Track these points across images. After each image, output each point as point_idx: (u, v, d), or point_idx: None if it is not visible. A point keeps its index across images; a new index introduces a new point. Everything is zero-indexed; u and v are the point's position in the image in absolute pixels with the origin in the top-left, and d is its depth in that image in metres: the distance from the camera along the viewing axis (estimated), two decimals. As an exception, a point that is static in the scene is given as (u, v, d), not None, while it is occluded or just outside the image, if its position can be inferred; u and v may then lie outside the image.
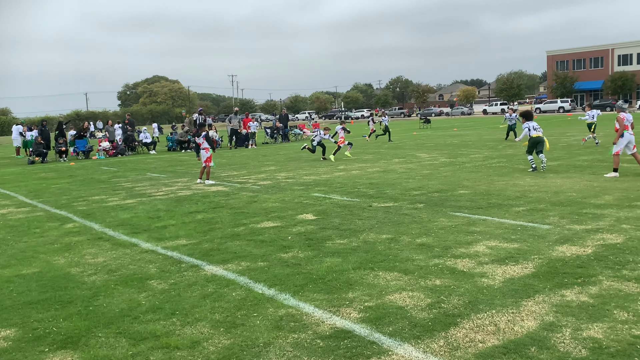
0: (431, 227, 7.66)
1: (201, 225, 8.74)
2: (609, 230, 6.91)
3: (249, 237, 7.70)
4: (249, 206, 10.29)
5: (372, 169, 15.59)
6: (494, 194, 10.07)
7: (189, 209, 10.40)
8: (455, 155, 18.40)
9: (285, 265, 6.19)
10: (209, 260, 6.64)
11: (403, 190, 11.18)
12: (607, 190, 9.79)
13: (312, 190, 11.94)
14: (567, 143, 20.81)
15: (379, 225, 7.99)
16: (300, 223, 8.48)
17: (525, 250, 6.22)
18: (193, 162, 21.66)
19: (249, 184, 13.61)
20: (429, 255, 6.28)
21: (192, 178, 15.74)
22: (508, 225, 7.49)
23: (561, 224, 7.42)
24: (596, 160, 14.46)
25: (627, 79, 72.07)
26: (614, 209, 8.16)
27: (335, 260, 6.29)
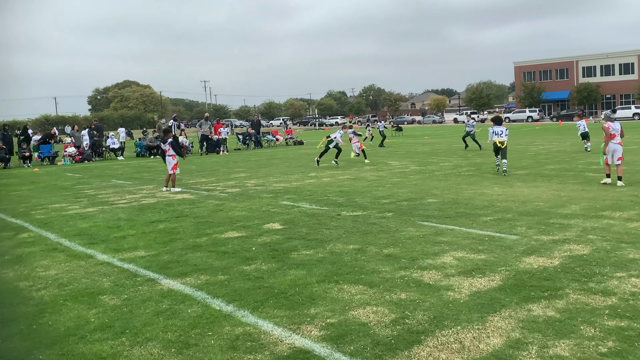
0: (399, 237, 7.50)
1: (162, 236, 8.41)
2: (575, 240, 6.86)
3: (211, 248, 7.41)
4: (214, 215, 9.99)
5: (343, 176, 15.43)
6: (462, 203, 9.99)
7: (151, 218, 10.04)
8: (426, 163, 18.41)
9: (247, 279, 5.93)
10: (166, 273, 6.34)
11: (372, 198, 11.04)
12: (573, 199, 9.81)
13: (281, 198, 11.70)
14: (535, 152, 21.05)
15: (346, 235, 7.80)
16: (266, 233, 8.23)
17: (492, 262, 6.10)
18: (161, 169, 21.16)
19: (217, 192, 13.29)
20: (396, 266, 6.11)
21: (158, 185, 15.33)
22: (475, 236, 7.39)
23: (528, 234, 7.36)
24: (563, 170, 14.60)
25: (591, 90, 73.89)
26: (581, 219, 8.15)
27: (299, 272, 6.06)
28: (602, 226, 7.58)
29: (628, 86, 73.06)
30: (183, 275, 6.20)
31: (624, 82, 74.54)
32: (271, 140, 34.60)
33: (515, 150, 22.10)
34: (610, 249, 6.35)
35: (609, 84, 75.67)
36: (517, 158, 18.57)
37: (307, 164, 20.19)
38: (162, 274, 6.33)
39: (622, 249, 6.36)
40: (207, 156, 27.68)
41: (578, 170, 14.28)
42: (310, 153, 26.82)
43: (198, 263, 6.70)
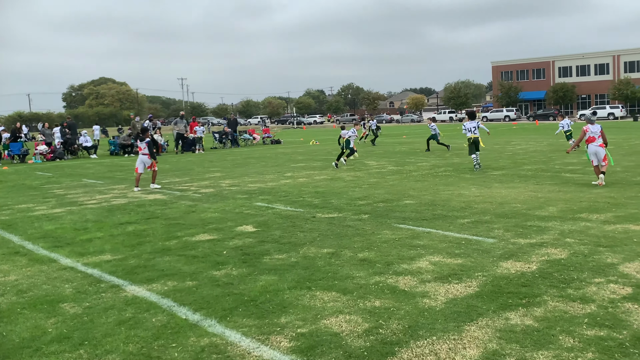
0: (374, 241, 7.33)
1: (130, 238, 8.10)
2: (553, 244, 6.77)
3: (181, 252, 7.14)
4: (186, 217, 9.70)
5: (320, 176, 15.24)
6: (439, 204, 9.88)
7: (120, 219, 9.70)
8: (403, 163, 18.32)
9: (216, 285, 5.69)
10: (132, 279, 6.05)
11: (349, 199, 10.86)
12: (551, 201, 9.77)
13: (255, 199, 11.45)
14: (512, 152, 21.15)
15: (321, 238, 7.60)
16: (239, 236, 7.99)
17: (469, 267, 5.96)
18: (134, 168, 20.71)
19: (190, 192, 12.98)
20: (370, 272, 5.93)
21: (130, 185, 14.93)
22: (452, 239, 7.26)
23: (506, 237, 7.25)
24: (540, 170, 14.63)
25: (567, 90, 75.03)
26: (558, 221, 8.08)
27: (271, 278, 5.84)
28: (579, 229, 7.52)
29: (603, 86, 74.41)
30: (149, 281, 5.93)
31: (599, 82, 75.89)
32: (248, 139, 34.25)
33: (492, 150, 22.19)
34: (588, 253, 6.27)
35: (584, 84, 76.95)
36: (494, 158, 18.61)
37: (283, 164, 19.95)
38: (128, 279, 6.04)
39: (600, 252, 6.28)
40: (182, 155, 27.23)
41: (555, 171, 14.32)
42: (287, 152, 26.58)
43: (166, 268, 6.43)
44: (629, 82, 68.50)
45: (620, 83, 69.27)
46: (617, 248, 6.45)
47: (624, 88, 68.23)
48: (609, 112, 64.57)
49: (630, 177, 12.66)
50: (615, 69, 75.03)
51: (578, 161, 16.27)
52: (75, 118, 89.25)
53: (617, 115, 64.11)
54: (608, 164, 11.58)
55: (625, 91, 68.20)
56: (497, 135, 34.74)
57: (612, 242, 6.74)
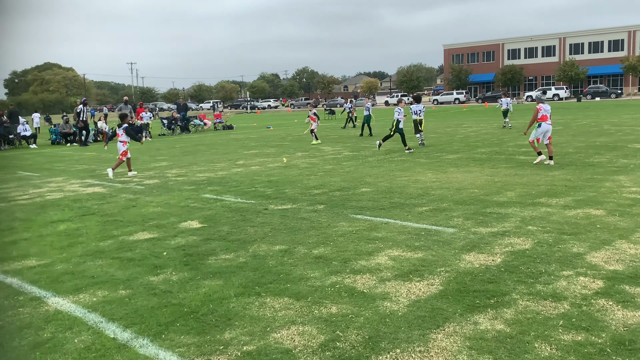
0: (330, 234, 6.83)
1: (60, 239, 7.30)
2: (515, 233, 6.45)
3: (115, 254, 6.43)
4: (125, 212, 8.93)
5: (274, 164, 14.62)
6: (396, 191, 9.47)
7: (52, 217, 8.84)
8: (359, 148, 17.90)
9: (152, 294, 5.05)
10: (56, 289, 5.33)
11: (303, 188, 10.32)
12: (508, 185, 9.53)
13: (203, 190, 10.74)
14: (464, 135, 21.09)
15: (272, 234, 7.03)
16: (182, 233, 7.32)
17: (430, 261, 5.54)
18: (76, 158, 19.50)
19: (132, 184, 12.12)
20: (326, 271, 5.43)
21: (69, 177, 13.90)
22: (411, 230, 6.84)
23: (466, 226, 6.89)
24: (494, 153, 14.49)
25: (515, 72, 76.64)
26: (518, 207, 7.80)
27: (215, 283, 5.25)
28: (540, 215, 7.24)
29: (549, 68, 76.39)
30: (76, 291, 5.23)
31: (545, 64, 77.86)
32: (199, 125, 33.13)
33: (444, 133, 22.10)
34: (553, 242, 5.96)
35: (532, 66, 78.80)
36: (447, 141, 18.45)
37: (235, 151, 19.20)
38: (52, 289, 5.32)
39: (565, 241, 5.98)
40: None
41: (509, 154, 14.21)
42: (240, 138, 25.76)
43: (97, 274, 5.73)
44: (573, 64, 70.53)
45: (565, 65, 71.22)
46: (581, 235, 6.18)
47: (569, 70, 70.22)
48: (554, 93, 66.32)
49: (583, 158, 12.65)
50: (560, 51, 77.12)
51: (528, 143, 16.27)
52: (19, 105, 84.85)
53: (562, 96, 65.95)
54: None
55: (570, 73, 70.20)
56: (448, 118, 34.92)
57: (576, 228, 6.47)
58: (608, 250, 5.59)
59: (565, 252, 5.60)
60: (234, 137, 26.95)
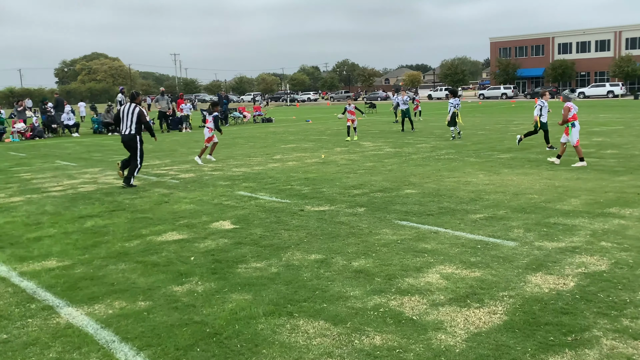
0: (372, 243, 6.16)
1: (85, 238, 6.89)
2: (587, 250, 5.62)
3: (140, 257, 5.95)
4: (157, 209, 8.49)
5: (311, 159, 14.01)
6: (445, 194, 8.69)
7: (81, 211, 8.48)
8: (401, 144, 17.07)
9: (174, 308, 4.51)
10: (71, 297, 4.86)
11: (342, 188, 9.65)
12: (571, 191, 8.60)
13: (238, 186, 10.23)
14: (516, 132, 19.93)
15: (308, 239, 6.41)
16: (213, 235, 6.79)
17: (490, 283, 4.80)
18: (114, 148, 19.41)
19: (168, 178, 11.74)
20: (368, 289, 4.77)
21: (105, 168, 13.68)
22: (465, 241, 6.09)
23: (528, 239, 6.09)
24: (552, 154, 13.42)
25: (567, 67, 73.52)
26: (586, 217, 6.92)
27: (243, 298, 4.67)
28: (614, 229, 6.36)
29: (603, 63, 72.95)
30: (92, 301, 4.74)
31: (599, 59, 74.39)
32: (238, 117, 32.85)
33: (494, 130, 20.98)
34: (634, 264, 5.12)
35: (584, 61, 75.45)
36: (498, 139, 17.41)
37: (272, 144, 18.70)
38: (66, 298, 4.85)
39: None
40: (168, 134, 25.85)
41: (567, 154, 13.12)
42: (278, 131, 25.27)
43: (117, 280, 5.24)
44: (630, 59, 67.06)
45: (621, 60, 67.82)
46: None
47: (625, 65, 66.82)
48: (609, 89, 63.19)
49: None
50: (616, 46, 73.48)
51: (590, 143, 15.10)
52: (67, 94, 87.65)
53: (617, 93, 62.80)
54: None
55: (626, 68, 66.80)
56: (496, 114, 33.50)
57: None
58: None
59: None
60: (272, 130, 26.49)
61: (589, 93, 62.46)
